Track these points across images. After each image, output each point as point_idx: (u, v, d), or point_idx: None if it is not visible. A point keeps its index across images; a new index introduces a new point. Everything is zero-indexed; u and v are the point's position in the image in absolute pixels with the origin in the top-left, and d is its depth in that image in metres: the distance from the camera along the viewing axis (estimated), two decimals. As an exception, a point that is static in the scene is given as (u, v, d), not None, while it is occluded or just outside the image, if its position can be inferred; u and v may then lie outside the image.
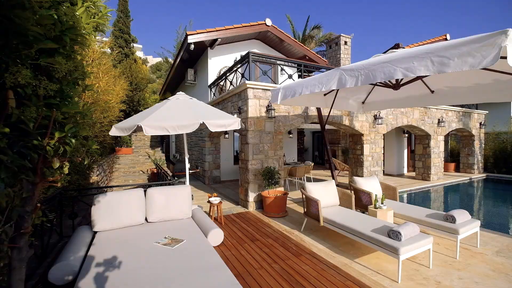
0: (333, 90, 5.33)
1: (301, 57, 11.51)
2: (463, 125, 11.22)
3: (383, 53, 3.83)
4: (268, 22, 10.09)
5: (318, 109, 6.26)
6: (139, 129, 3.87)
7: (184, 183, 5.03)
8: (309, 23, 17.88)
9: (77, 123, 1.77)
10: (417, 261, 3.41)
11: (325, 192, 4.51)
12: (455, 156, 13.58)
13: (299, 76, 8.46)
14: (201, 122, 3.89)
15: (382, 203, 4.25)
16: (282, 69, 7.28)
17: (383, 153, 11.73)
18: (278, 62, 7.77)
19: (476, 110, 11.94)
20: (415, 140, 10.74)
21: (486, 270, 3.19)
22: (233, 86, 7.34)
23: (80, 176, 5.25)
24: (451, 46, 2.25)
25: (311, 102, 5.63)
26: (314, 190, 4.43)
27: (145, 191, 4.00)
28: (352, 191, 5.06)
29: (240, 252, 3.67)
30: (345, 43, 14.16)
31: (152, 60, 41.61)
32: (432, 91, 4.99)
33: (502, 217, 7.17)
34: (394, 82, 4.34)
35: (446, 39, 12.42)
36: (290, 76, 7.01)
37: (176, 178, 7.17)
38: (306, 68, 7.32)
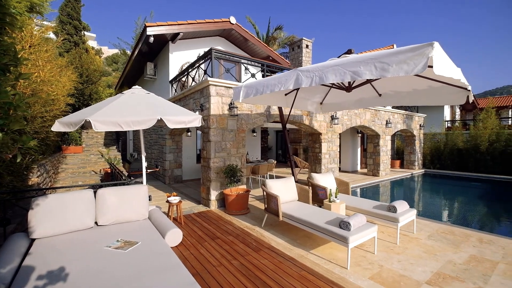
0: (294, 90, 5.57)
1: (265, 58, 11.71)
2: (406, 126, 12.61)
3: (338, 57, 4.11)
4: (233, 20, 10.06)
5: (280, 108, 6.46)
6: (88, 124, 3.54)
7: (141, 183, 4.76)
8: (271, 24, 18.28)
9: (8, 115, 1.57)
10: (364, 248, 3.75)
11: (284, 188, 4.68)
12: (400, 154, 15.20)
13: (263, 76, 8.62)
14: (159, 118, 3.73)
15: (336, 197, 4.57)
16: (246, 68, 7.33)
17: (339, 151, 12.60)
18: (242, 61, 7.80)
19: (417, 113, 13.51)
20: (367, 140, 11.74)
21: (420, 252, 3.65)
22: (196, 82, 7.16)
23: (15, 177, 4.61)
24: (391, 54, 2.52)
25: (273, 101, 5.78)
26: (274, 186, 4.57)
27: (95, 192, 3.69)
28: (310, 187, 5.34)
29: (200, 251, 3.61)
30: (307, 46, 14.80)
31: (108, 52, 38.29)
32: (380, 94, 5.51)
33: (435, 206, 8.26)
34: (346, 84, 4.69)
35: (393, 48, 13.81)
36: (253, 75, 7.10)
37: (132, 178, 6.75)
38: (269, 68, 7.48)
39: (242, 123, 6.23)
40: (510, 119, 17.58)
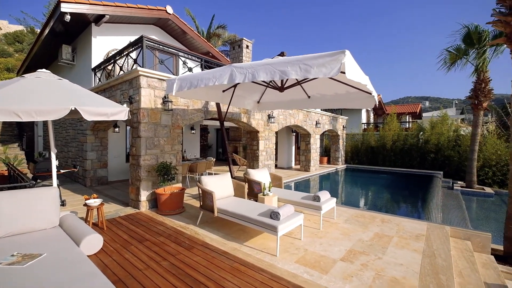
0: (232, 87, 5.62)
1: (204, 53, 11.44)
2: (332, 127, 14.24)
3: (272, 58, 4.34)
4: (169, 9, 9.48)
5: (218, 105, 6.42)
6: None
7: (50, 185, 4.02)
8: (214, 21, 18.01)
9: None
10: (293, 236, 4.07)
11: (220, 185, 4.67)
12: (328, 152, 17.10)
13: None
14: (73, 109, 3.22)
15: (269, 191, 4.82)
16: (184, 63, 7.00)
17: (276, 149, 13.34)
18: (180, 53, 7.42)
19: (340, 116, 15.41)
20: (300, 138, 12.77)
21: (338, 234, 4.19)
22: (124, 72, 6.46)
23: None
24: (313, 57, 2.79)
25: (210, 97, 5.70)
26: (210, 183, 4.52)
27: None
28: (246, 182, 5.49)
29: (124, 256, 3.28)
30: (247, 46, 15.11)
31: (9, 27, 30.90)
32: (309, 97, 6.07)
33: (353, 195, 9.60)
34: (279, 84, 5.00)
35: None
36: (190, 70, 6.84)
37: (39, 181, 5.69)
38: (208, 63, 7.33)
39: (178, 119, 5.94)
40: (407, 123, 21.83)
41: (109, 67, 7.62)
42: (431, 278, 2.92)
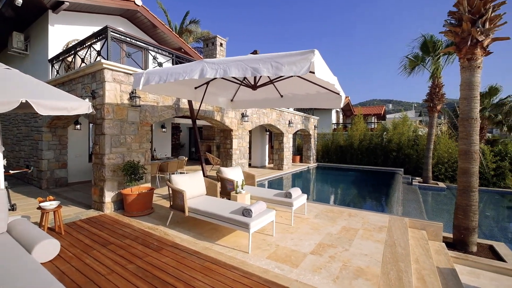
0: (204, 84, 5.50)
1: (176, 49, 11.07)
2: (304, 126, 14.66)
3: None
4: (138, 1, 9.00)
5: (189, 102, 6.25)
6: None
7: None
8: (188, 17, 17.48)
9: None
10: (265, 232, 4.11)
11: (192, 183, 4.55)
12: (300, 151, 17.57)
13: (173, 67, 8.10)
14: (23, 101, 2.90)
15: (242, 189, 4.81)
16: (154, 58, 6.69)
17: (250, 148, 13.38)
18: (150, 47, 7.08)
19: (312, 116, 15.92)
20: (273, 137, 12.96)
21: (308, 229, 4.32)
22: (86, 64, 6.00)
23: None
24: (284, 56, 2.84)
25: (181, 94, 5.52)
26: (181, 181, 4.38)
27: None
28: (219, 181, 5.42)
29: (85, 261, 3.05)
30: (221, 44, 14.92)
31: None
32: (282, 96, 6.17)
33: (323, 192, 9.97)
34: (253, 83, 5.01)
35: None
36: (160, 65, 6.57)
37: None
38: (179, 59, 7.11)
39: (147, 116, 5.67)
40: (372, 123, 23.28)
41: (69, 59, 7.01)
42: (391, 265, 3.14)
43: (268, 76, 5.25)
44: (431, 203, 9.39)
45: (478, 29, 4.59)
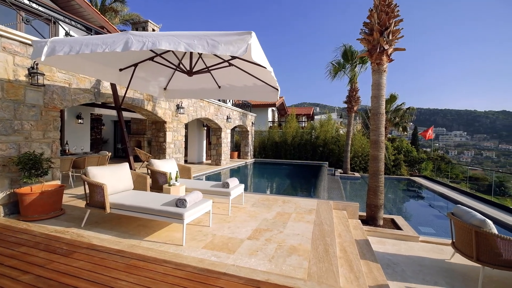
0: (131, 66, 4.88)
1: (99, 28, 9.55)
2: (242, 123, 14.86)
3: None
4: (43, -39, 7.34)
5: (113, 86, 5.46)
6: None
7: None
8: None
9: None
10: (201, 224, 3.92)
11: (114, 177, 3.96)
12: (238, 147, 17.76)
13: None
14: None
15: (176, 181, 4.48)
16: (67, 33, 5.54)
17: (186, 143, 12.74)
18: (60, 18, 5.81)
19: (250, 113, 16.29)
20: (211, 132, 12.67)
21: (245, 217, 4.33)
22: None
23: None
24: (221, 34, 2.73)
25: (103, 75, 4.76)
26: (100, 174, 3.76)
27: None
28: (149, 174, 4.92)
29: (-49, 280, 2.26)
30: (153, 30, 13.69)
31: None
32: (219, 86, 6.03)
33: (260, 185, 10.31)
34: (188, 68, 4.71)
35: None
36: (67, 34, 5.51)
37: None
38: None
39: (55, 98, 4.66)
40: (303, 122, 25.51)
41: None
42: (319, 241, 3.43)
43: (204, 63, 5.05)
44: (349, 189, 10.86)
45: (384, 39, 5.49)
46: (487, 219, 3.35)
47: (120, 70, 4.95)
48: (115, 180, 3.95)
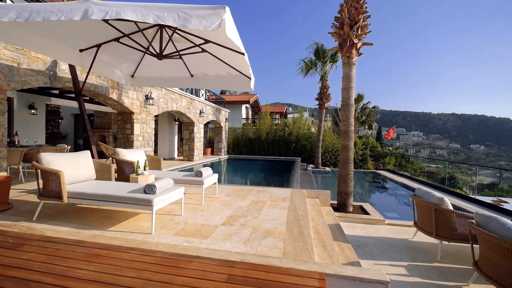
0: (94, 47, 4.47)
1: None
2: (216, 118, 14.59)
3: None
4: None
5: (72, 68, 4.97)
6: None
7: None
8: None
9: None
10: (172, 213, 3.73)
11: (73, 164, 3.59)
12: (212, 143, 17.44)
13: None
14: None
15: (144, 169, 4.21)
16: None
17: (156, 138, 12.16)
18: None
19: (223, 108, 16.06)
20: (183, 127, 12.24)
21: (219, 206, 4.22)
22: None
23: None
24: (193, 8, 2.59)
25: (60, 55, 4.29)
26: (56, 161, 3.38)
27: None
28: (115, 164, 4.56)
29: None
30: (119, 19, 12.84)
31: None
32: (192, 75, 5.80)
33: (234, 180, 10.20)
34: (158, 51, 4.44)
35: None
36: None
37: None
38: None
39: (0, 78, 4.10)
40: (277, 119, 25.87)
41: None
42: (294, 224, 3.45)
43: (175, 47, 4.81)
44: (320, 182, 11.24)
45: (354, 33, 5.73)
46: (444, 197, 3.65)
47: (81, 51, 4.50)
48: (74, 168, 3.58)
